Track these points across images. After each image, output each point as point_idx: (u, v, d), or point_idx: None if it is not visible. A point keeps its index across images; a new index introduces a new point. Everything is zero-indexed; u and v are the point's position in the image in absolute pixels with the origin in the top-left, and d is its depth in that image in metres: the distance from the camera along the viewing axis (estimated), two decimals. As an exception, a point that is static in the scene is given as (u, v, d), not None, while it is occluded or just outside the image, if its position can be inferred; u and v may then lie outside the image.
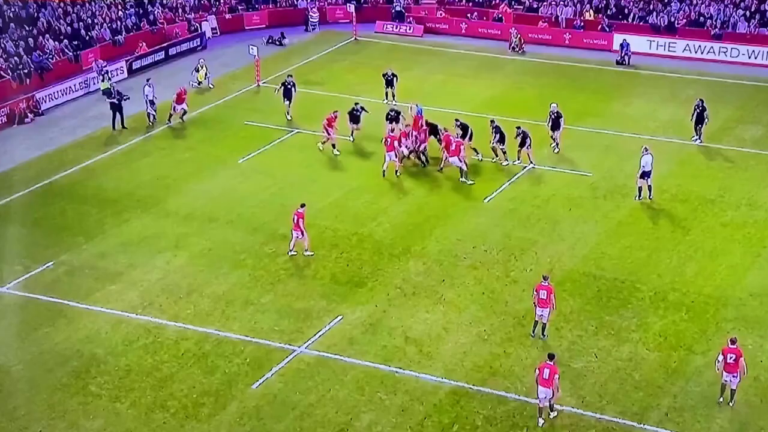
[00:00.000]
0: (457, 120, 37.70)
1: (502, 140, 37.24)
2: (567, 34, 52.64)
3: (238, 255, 31.77)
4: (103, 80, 45.81)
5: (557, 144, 38.22)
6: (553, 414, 24.12)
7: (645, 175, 34.41)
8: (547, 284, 26.98)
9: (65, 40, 49.17)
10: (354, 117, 39.74)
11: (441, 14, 55.59)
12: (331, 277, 30.55)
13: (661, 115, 42.98)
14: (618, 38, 50.88)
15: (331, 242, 32.49)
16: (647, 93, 45.95)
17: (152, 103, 41.89)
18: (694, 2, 52.53)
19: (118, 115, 41.54)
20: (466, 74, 48.43)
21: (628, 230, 33.17)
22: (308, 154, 38.69)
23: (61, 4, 50.98)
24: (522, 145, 36.77)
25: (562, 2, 54.34)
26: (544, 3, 54.67)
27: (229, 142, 40.42)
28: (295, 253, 31.31)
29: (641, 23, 52.38)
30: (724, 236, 32.75)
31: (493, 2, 55.61)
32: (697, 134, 39.24)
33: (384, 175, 36.47)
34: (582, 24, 53.05)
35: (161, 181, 37.08)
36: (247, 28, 55.48)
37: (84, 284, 30.18)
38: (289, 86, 42.16)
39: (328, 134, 38.40)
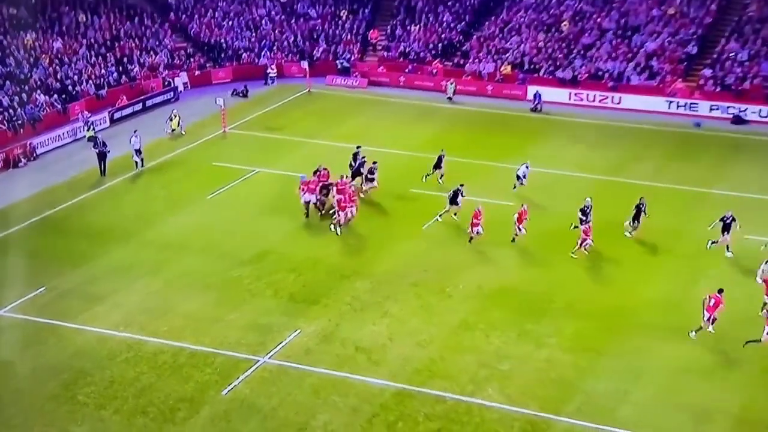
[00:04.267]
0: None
1: (438, 166, 38.01)
2: (489, 86, 53.09)
3: (208, 278, 31.49)
4: (88, 129, 45.55)
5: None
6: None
7: (519, 179, 37.36)
8: (719, 296, 27.52)
9: (55, 95, 48.65)
10: (366, 170, 37.66)
11: (382, 69, 55.86)
12: (289, 297, 30.36)
13: (568, 154, 43.40)
14: (531, 89, 51.38)
15: (289, 267, 32.30)
16: (557, 135, 46.41)
17: (138, 151, 41.56)
18: (594, 59, 53.31)
19: (102, 162, 41.09)
20: (406, 120, 48.63)
21: (545, 251, 33.40)
22: (268, 190, 38.46)
23: (52, 64, 50.48)
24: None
25: (484, 59, 54.84)
26: (469, 60, 55.13)
27: (199, 181, 40.12)
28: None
29: (550, 77, 53.00)
30: (626, 254, 33.12)
31: (427, 59, 55.96)
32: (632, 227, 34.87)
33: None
34: (501, 78, 53.56)
35: (140, 215, 36.70)
36: (214, 82, 55.31)
37: (72, 306, 29.69)
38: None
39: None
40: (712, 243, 32.69)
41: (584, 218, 33.45)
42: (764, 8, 53.33)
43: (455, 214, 35.41)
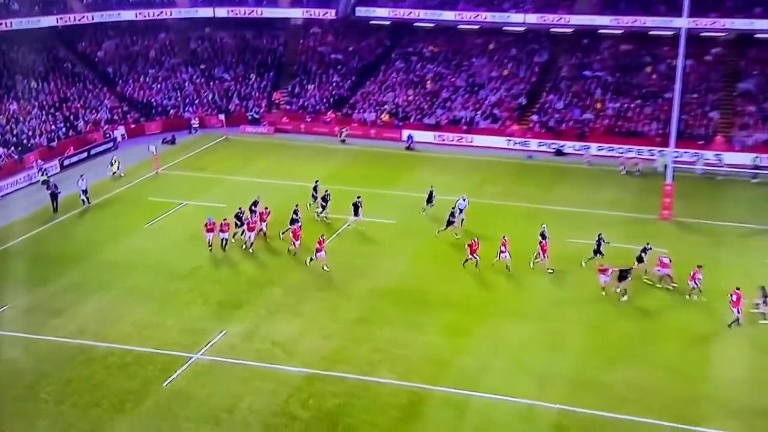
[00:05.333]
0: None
1: (324, 200, 37.18)
2: (372, 130, 53.37)
3: (149, 291, 30.46)
4: (41, 174, 43.56)
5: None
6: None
7: (460, 212, 35.74)
8: (739, 291, 27.54)
9: (12, 147, 46.38)
10: (355, 208, 36.11)
11: (286, 119, 55.47)
12: (217, 304, 29.65)
13: (435, 181, 43.54)
14: (405, 132, 51.90)
15: (216, 279, 31.59)
16: (426, 167, 46.72)
17: (85, 191, 40.01)
18: (451, 108, 54.34)
19: (54, 201, 39.39)
20: (307, 159, 48.36)
21: (424, 258, 33.57)
22: (195, 219, 37.24)
23: (9, 122, 48.18)
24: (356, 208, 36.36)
25: (367, 109, 55.17)
26: (356, 110, 55.36)
27: (137, 213, 38.81)
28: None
29: (419, 122, 53.64)
30: (485, 256, 33.56)
31: (322, 110, 55.92)
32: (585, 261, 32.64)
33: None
34: (381, 124, 53.93)
35: (90, 242, 35.26)
36: (147, 133, 53.72)
37: (33, 320, 28.24)
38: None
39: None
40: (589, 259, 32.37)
41: (542, 239, 32.39)
42: (573, 70, 55.39)
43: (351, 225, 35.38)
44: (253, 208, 36.28)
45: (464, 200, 36.89)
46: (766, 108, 49.55)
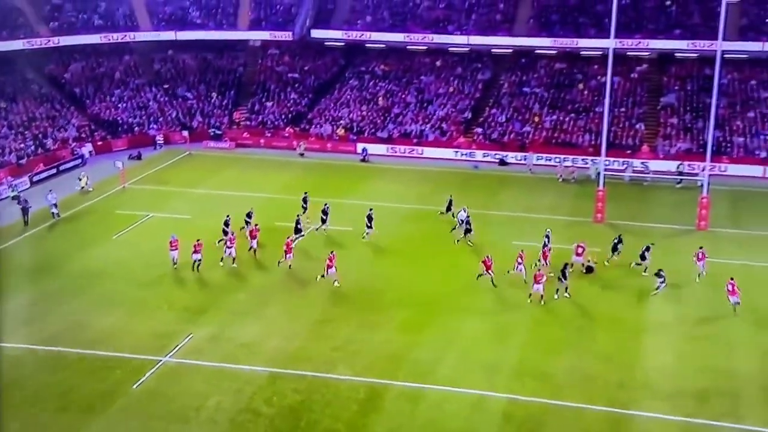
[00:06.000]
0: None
1: (324, 213, 36.61)
2: (329, 144, 53.23)
3: (118, 298, 29.83)
4: (12, 191, 42.37)
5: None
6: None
7: (461, 224, 35.29)
8: (733, 281, 28.21)
9: (-18, 164, 45.12)
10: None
11: (246, 135, 54.99)
12: (183, 309, 29.18)
13: (389, 190, 43.98)
14: (360, 146, 51.95)
15: (182, 286, 31.09)
16: (380, 178, 46.81)
17: (55, 206, 39.05)
18: (402, 123, 54.57)
19: (25, 215, 38.34)
20: (267, 171, 48.01)
21: (381, 261, 33.51)
22: (160, 230, 36.53)
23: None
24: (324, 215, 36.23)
25: (324, 124, 55.05)
26: (313, 126, 55.20)
27: (105, 226, 37.99)
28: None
29: (373, 136, 53.73)
30: (436, 258, 33.63)
31: (281, 126, 55.60)
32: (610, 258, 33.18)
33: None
34: (337, 138, 53.88)
35: (60, 254, 34.40)
36: (114, 150, 52.69)
37: (6, 328, 27.33)
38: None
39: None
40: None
41: (547, 243, 32.68)
42: (513, 87, 56.13)
43: (317, 229, 35.55)
44: (247, 219, 35.71)
45: (464, 211, 36.23)
46: (687, 119, 51.01)
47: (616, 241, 33.17)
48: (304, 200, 38.16)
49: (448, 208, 38.14)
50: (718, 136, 47.98)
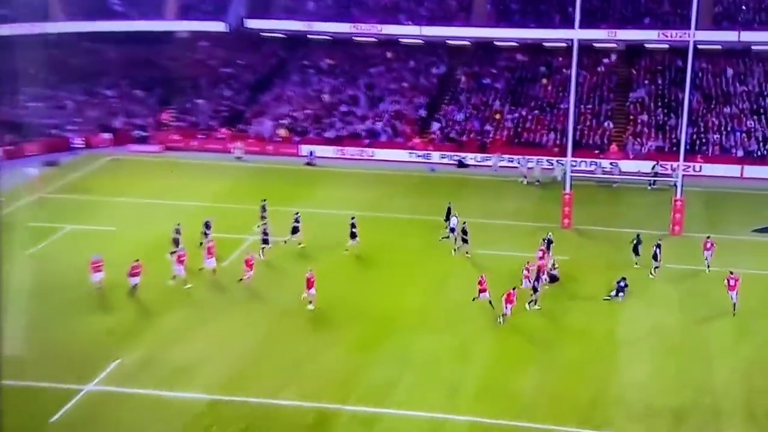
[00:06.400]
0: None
1: (297, 221, 36.66)
2: (269, 146, 53.25)
3: (34, 321, 29.07)
4: None
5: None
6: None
7: (453, 231, 35.99)
8: (736, 275, 29.95)
9: None
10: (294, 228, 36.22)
11: (176, 137, 54.56)
12: (107, 332, 28.87)
13: (339, 196, 44.18)
14: (304, 148, 51.98)
15: (107, 306, 30.77)
16: (328, 183, 47.04)
17: None
18: (352, 122, 54.96)
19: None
20: (200, 177, 47.76)
21: (331, 275, 33.13)
22: (79, 243, 36.20)
23: None
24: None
25: (263, 124, 55.05)
26: (251, 125, 55.17)
27: (19, 240, 37.19)
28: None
29: (319, 136, 53.94)
30: (388, 272, 34.01)
31: (215, 126, 55.40)
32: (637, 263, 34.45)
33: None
34: (279, 139, 53.91)
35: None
36: (26, 155, 51.72)
37: None
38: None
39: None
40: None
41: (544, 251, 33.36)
42: (471, 82, 57.10)
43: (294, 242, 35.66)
44: (206, 231, 35.46)
45: (456, 218, 36.84)
46: (659, 116, 52.63)
47: (635, 242, 34.32)
48: (263, 208, 38.14)
49: (447, 217, 38.25)
50: (692, 134, 49.70)
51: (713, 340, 28.55)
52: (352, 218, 36.21)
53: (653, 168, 47.05)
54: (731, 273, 30.37)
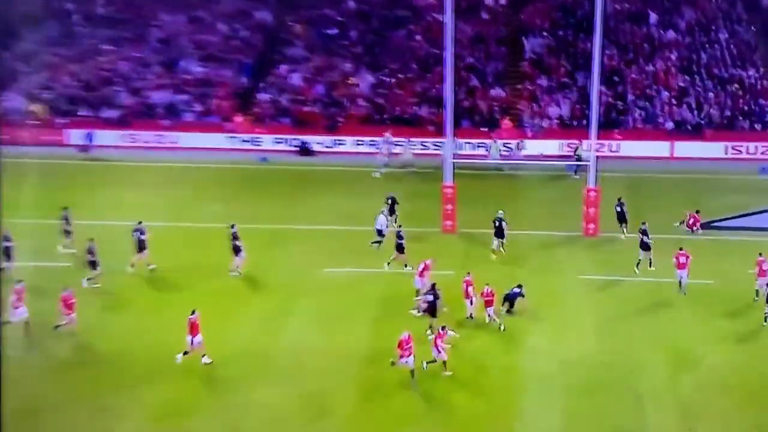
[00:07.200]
0: None
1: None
2: (22, 130, 51.12)
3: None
4: None
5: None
6: None
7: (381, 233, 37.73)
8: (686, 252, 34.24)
9: None
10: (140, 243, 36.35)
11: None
12: None
13: (129, 200, 43.59)
14: (75, 132, 51.07)
15: None
16: (113, 181, 46.39)
17: None
18: (142, 94, 54.18)
19: None
20: None
21: (121, 310, 33.06)
22: None
23: None
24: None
25: (10, 101, 53.38)
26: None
27: None
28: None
29: (96, 117, 52.71)
30: (201, 302, 33.42)
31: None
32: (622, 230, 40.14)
33: None
34: (35, 120, 52.08)
35: None
36: None
37: None
38: None
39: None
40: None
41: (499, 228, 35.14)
42: (310, 35, 57.51)
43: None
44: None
45: (384, 216, 38.51)
46: (562, 77, 54.52)
47: (618, 209, 39.18)
48: (66, 218, 38.06)
49: (392, 210, 39.51)
50: (607, 101, 51.84)
51: (643, 377, 29.84)
52: (232, 226, 36.26)
53: (576, 151, 48.32)
54: (681, 249, 34.30)
